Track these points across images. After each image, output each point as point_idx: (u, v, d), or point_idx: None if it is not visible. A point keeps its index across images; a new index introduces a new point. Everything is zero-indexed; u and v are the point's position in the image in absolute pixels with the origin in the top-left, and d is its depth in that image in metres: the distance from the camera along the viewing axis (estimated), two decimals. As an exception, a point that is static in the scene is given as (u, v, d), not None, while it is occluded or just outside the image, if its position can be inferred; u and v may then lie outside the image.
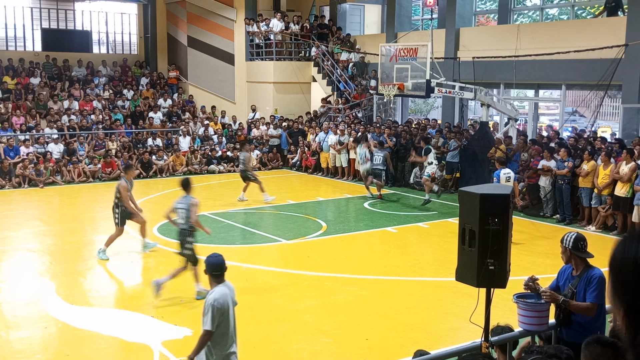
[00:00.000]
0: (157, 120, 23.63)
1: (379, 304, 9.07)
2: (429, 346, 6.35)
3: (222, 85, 26.54)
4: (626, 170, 12.90)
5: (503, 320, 5.36)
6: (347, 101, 22.89)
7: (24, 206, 15.97)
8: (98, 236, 13.17)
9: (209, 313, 5.42)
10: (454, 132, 18.08)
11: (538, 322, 4.99)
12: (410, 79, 16.24)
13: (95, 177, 19.42)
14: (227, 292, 5.60)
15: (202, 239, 12.42)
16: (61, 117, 21.97)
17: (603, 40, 16.21)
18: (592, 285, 5.01)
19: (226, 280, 5.71)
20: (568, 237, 5.16)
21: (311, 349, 7.59)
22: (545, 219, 14.50)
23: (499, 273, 4.42)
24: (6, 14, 25.75)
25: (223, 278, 5.66)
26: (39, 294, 9.33)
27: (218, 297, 5.49)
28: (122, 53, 28.55)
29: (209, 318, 5.41)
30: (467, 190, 4.58)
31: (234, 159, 21.58)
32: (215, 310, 5.42)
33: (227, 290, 5.63)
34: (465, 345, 4.97)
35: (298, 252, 11.83)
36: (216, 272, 5.62)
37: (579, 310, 5.00)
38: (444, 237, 12.72)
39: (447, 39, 20.61)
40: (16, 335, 7.90)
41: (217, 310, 5.42)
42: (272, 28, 24.16)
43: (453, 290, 9.17)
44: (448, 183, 17.84)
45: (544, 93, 20.37)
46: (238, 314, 8.67)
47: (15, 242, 12.39)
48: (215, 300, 5.46)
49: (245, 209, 15.43)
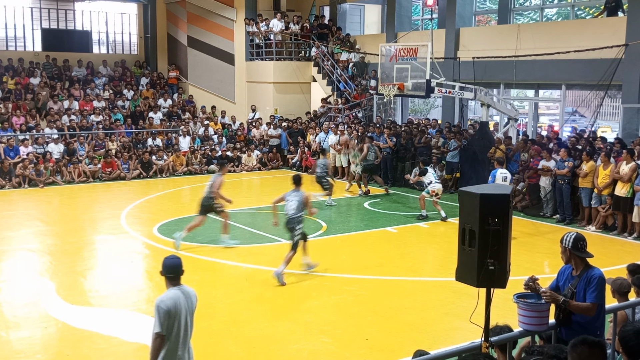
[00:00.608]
0: (157, 120, 23.64)
1: (379, 304, 9.07)
2: (429, 346, 6.34)
3: (222, 85, 26.55)
4: (626, 170, 12.89)
5: (503, 320, 5.36)
6: (347, 101, 22.90)
7: (24, 206, 15.97)
8: (98, 236, 13.19)
9: (155, 315, 5.24)
10: (454, 132, 18.08)
11: (538, 322, 4.99)
12: (410, 79, 16.24)
13: (95, 177, 19.42)
14: (179, 296, 5.36)
15: (201, 239, 12.46)
16: (61, 117, 21.97)
17: (603, 40, 16.21)
18: (592, 286, 5.01)
19: (183, 285, 5.48)
20: (568, 237, 5.16)
21: (311, 349, 7.59)
22: (545, 219, 14.50)
23: (499, 273, 4.42)
24: (6, 14, 25.75)
25: (178, 281, 5.44)
26: (39, 294, 9.33)
27: (166, 299, 5.28)
28: (122, 53, 28.56)
29: (155, 320, 5.23)
30: (467, 190, 4.57)
31: (234, 159, 21.59)
32: (160, 311, 5.23)
33: (181, 294, 5.38)
34: (465, 345, 4.97)
35: (298, 252, 11.81)
36: (170, 274, 5.41)
37: (579, 311, 5.00)
38: (443, 237, 12.72)
39: (447, 39, 20.62)
40: (16, 335, 7.90)
41: (163, 312, 5.22)
42: (272, 28, 24.17)
43: (453, 290, 9.17)
44: (448, 183, 17.85)
45: (544, 93, 20.37)
46: (238, 314, 8.73)
47: (15, 242, 12.39)
48: (161, 302, 5.25)
49: (245, 209, 15.42)
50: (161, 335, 5.24)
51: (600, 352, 3.65)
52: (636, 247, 12.36)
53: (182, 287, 5.47)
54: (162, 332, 5.23)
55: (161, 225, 13.60)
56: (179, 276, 5.47)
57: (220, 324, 8.31)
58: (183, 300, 5.38)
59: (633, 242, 12.64)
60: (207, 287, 9.74)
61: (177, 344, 5.33)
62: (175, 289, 5.41)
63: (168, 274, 5.43)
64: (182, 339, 5.36)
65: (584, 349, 3.64)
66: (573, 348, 3.67)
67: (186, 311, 5.39)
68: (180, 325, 5.33)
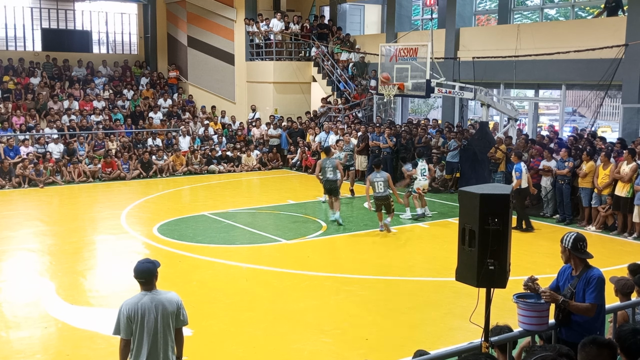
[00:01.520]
0: (157, 120, 23.64)
1: (379, 304, 9.07)
2: (429, 346, 6.34)
3: (222, 85, 26.55)
4: (627, 170, 12.89)
5: (503, 320, 5.36)
6: (347, 101, 22.90)
7: (24, 206, 15.97)
8: (98, 236, 13.19)
9: (116, 317, 5.15)
10: (454, 132, 18.08)
11: (538, 322, 4.99)
12: (410, 79, 16.24)
13: (95, 177, 19.42)
14: (146, 301, 5.18)
15: (202, 239, 12.46)
16: (61, 117, 21.97)
17: (603, 40, 16.21)
18: (591, 286, 5.00)
19: (158, 290, 5.29)
20: (568, 238, 5.16)
21: (311, 349, 7.59)
22: (545, 219, 14.50)
23: (499, 273, 4.42)
24: (6, 14, 25.76)
25: (150, 287, 5.25)
26: (39, 294, 9.33)
27: (129, 302, 5.18)
28: (122, 53, 28.56)
29: (115, 322, 5.14)
30: (467, 190, 4.57)
31: (234, 159, 21.59)
32: (120, 315, 5.14)
33: (147, 300, 5.19)
34: (465, 345, 4.97)
35: (298, 252, 11.83)
36: (140, 279, 5.26)
37: (578, 311, 5.00)
38: (444, 237, 12.72)
39: (447, 39, 20.62)
40: (16, 335, 7.90)
41: (123, 316, 5.13)
42: (272, 28, 24.16)
43: (453, 290, 9.17)
44: (448, 183, 17.85)
45: (544, 93, 20.36)
46: (238, 314, 8.73)
47: (15, 242, 12.39)
48: (123, 305, 5.17)
49: (245, 209, 15.43)
50: (123, 339, 5.15)
51: (609, 353, 3.65)
52: (636, 247, 12.36)
53: (155, 292, 5.26)
54: (123, 336, 5.14)
55: (161, 225, 13.60)
56: (151, 281, 5.27)
57: (220, 324, 8.31)
58: (148, 306, 5.17)
59: (633, 242, 12.64)
60: (207, 287, 9.76)
61: (141, 350, 5.17)
62: (142, 294, 5.24)
63: (138, 279, 5.28)
64: (151, 346, 5.16)
65: (592, 348, 3.64)
66: (582, 347, 3.68)
67: (154, 318, 5.17)
68: (144, 332, 5.15)
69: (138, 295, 5.26)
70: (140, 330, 5.14)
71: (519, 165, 13.38)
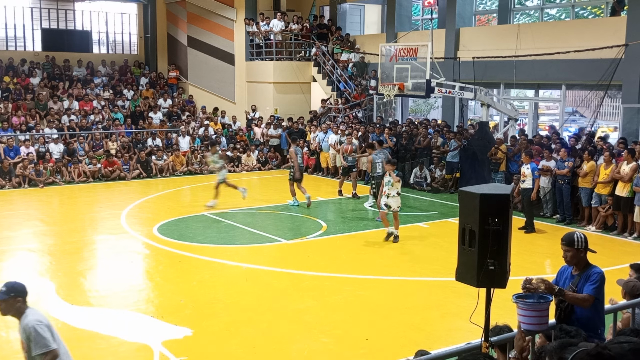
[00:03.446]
0: (157, 120, 23.63)
1: (379, 304, 9.07)
2: (429, 346, 6.34)
3: (222, 85, 26.55)
4: (627, 170, 12.90)
5: (503, 320, 5.36)
6: (347, 101, 22.90)
7: (24, 206, 15.97)
8: (98, 236, 13.19)
9: (41, 333, 4.99)
10: (454, 132, 18.08)
11: (538, 321, 4.98)
12: (410, 79, 16.24)
13: (95, 177, 19.42)
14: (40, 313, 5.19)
15: (202, 239, 12.46)
16: (61, 117, 21.97)
17: (603, 40, 16.21)
18: (592, 280, 5.03)
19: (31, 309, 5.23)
20: (579, 239, 5.09)
21: (311, 349, 7.59)
22: (545, 219, 14.50)
23: (499, 273, 4.41)
24: (6, 14, 25.76)
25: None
26: (39, 294, 9.32)
27: (39, 317, 5.10)
28: (122, 53, 28.56)
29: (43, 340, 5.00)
30: (467, 190, 4.56)
31: (234, 158, 21.58)
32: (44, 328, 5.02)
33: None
34: (464, 345, 4.97)
35: (298, 252, 11.83)
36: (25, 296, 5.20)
37: (574, 301, 4.99)
38: (444, 237, 12.72)
39: (447, 39, 20.62)
40: (16, 336, 7.86)
41: (46, 327, 5.05)
42: (272, 28, 24.16)
43: (453, 290, 9.17)
44: (448, 183, 17.85)
45: (544, 93, 20.37)
46: (239, 314, 8.73)
47: (15, 242, 12.39)
48: (36, 320, 5.04)
49: (245, 209, 15.42)
50: (55, 349, 5.06)
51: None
52: (636, 247, 12.36)
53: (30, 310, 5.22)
54: (56, 346, 5.07)
55: (161, 225, 13.60)
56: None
57: (220, 324, 8.31)
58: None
59: (633, 242, 12.65)
60: (207, 287, 9.76)
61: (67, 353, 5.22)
62: (30, 309, 5.20)
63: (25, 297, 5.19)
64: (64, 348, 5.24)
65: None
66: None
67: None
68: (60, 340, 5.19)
69: (31, 309, 5.20)
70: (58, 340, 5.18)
71: (533, 164, 13.65)
